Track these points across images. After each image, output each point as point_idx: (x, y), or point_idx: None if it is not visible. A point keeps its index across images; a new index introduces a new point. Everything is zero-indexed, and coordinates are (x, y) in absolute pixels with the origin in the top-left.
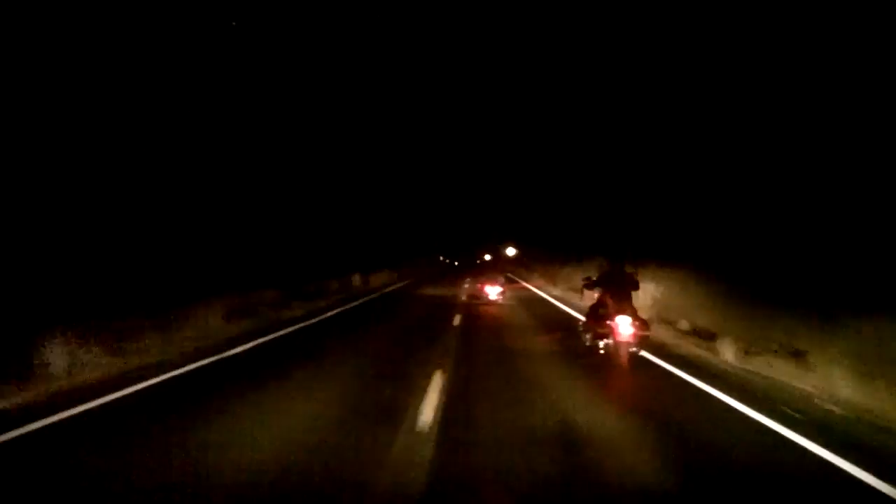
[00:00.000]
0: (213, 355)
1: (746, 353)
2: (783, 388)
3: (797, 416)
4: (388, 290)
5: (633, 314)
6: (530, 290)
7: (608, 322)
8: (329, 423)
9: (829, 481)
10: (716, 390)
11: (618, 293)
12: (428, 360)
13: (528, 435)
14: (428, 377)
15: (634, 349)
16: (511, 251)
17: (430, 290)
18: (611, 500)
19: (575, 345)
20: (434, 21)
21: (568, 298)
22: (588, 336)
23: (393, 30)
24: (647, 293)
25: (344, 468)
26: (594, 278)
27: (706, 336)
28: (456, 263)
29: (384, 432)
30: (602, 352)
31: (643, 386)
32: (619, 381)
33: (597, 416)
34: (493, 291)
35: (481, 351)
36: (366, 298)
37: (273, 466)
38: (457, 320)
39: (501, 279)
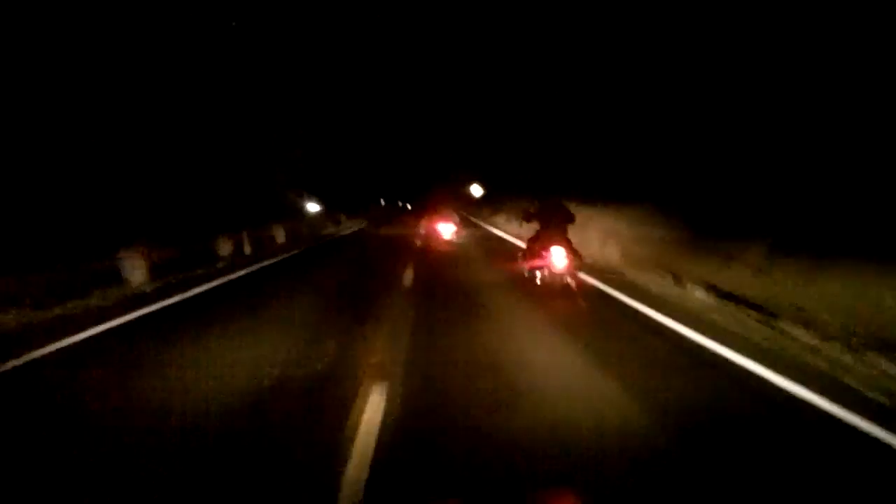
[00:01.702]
0: None
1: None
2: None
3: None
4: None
5: (567, 245)
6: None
7: (543, 253)
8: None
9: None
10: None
11: (553, 226)
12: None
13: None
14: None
15: (568, 278)
16: (477, 190)
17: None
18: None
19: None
20: None
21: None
22: (526, 266)
23: None
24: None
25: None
26: (532, 211)
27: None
28: (409, 207)
29: None
30: (539, 282)
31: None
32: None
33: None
34: (446, 230)
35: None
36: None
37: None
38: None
39: (456, 217)
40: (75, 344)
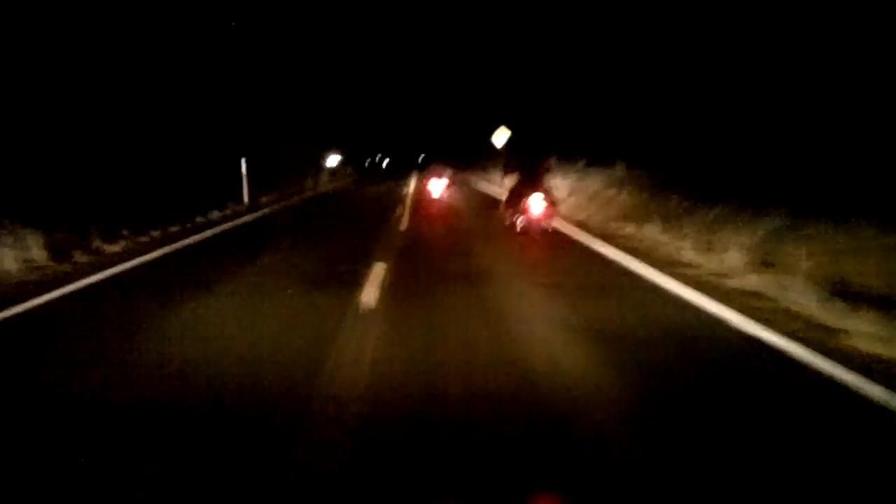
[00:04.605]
0: None
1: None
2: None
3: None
4: None
5: (545, 194)
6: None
7: (523, 201)
8: None
9: None
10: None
11: (532, 177)
12: None
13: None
14: None
15: (545, 224)
16: (503, 136)
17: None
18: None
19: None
20: None
21: None
22: (507, 214)
23: None
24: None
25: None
26: (512, 163)
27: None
28: (384, 165)
29: None
30: (519, 228)
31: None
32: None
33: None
34: (437, 187)
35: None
36: None
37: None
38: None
39: (448, 172)
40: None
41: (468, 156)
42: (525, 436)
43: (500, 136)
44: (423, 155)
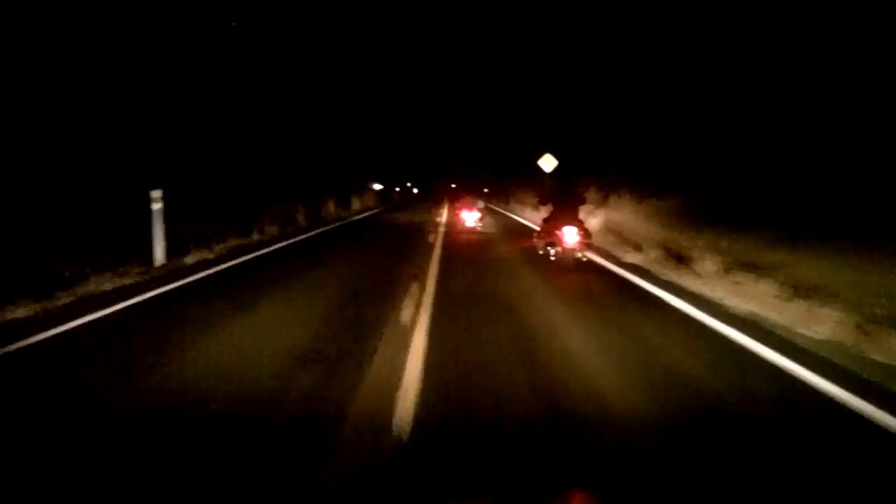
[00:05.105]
0: None
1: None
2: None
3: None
4: None
5: (579, 225)
6: None
7: (556, 232)
8: None
9: None
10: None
11: (566, 207)
12: None
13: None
14: None
15: (579, 255)
16: (550, 162)
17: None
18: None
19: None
20: None
21: None
22: (541, 244)
23: None
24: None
25: None
26: (548, 195)
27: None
28: (416, 191)
29: None
30: (553, 258)
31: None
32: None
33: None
34: (470, 217)
35: None
36: None
37: None
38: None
39: (480, 204)
40: None
41: (502, 185)
42: None
43: (547, 162)
44: (453, 185)
